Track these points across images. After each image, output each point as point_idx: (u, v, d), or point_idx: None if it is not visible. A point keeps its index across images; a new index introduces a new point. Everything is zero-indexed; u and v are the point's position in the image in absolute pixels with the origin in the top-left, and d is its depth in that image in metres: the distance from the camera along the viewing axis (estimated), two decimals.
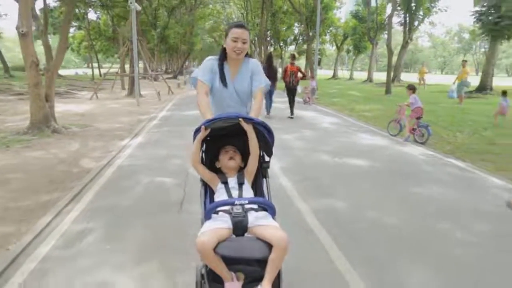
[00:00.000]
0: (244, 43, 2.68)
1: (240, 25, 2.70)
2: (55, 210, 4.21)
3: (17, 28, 8.36)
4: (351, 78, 42.78)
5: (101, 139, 8.26)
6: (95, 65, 35.06)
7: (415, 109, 8.30)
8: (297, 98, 12.78)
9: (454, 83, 17.48)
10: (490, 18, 19.76)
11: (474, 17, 20.92)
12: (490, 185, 5.42)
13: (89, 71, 44.85)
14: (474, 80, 21.04)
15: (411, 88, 8.59)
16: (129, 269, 3.04)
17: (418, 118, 8.33)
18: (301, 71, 11.98)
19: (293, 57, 12.44)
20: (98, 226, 3.82)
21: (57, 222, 3.92)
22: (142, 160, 6.51)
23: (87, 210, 4.25)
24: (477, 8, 20.86)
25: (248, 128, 2.35)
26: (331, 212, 4.27)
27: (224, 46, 2.75)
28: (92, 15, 32.33)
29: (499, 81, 30.88)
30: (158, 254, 3.26)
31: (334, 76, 45.13)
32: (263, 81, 2.83)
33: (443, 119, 11.60)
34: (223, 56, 2.79)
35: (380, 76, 36.09)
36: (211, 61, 2.82)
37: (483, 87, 20.83)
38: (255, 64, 2.87)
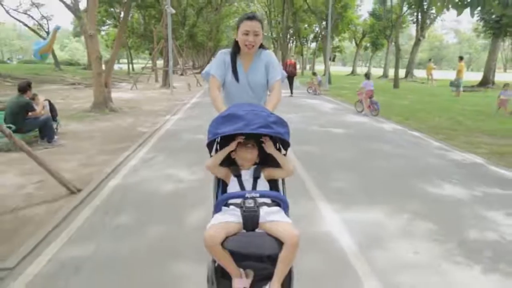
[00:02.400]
0: (256, 35, 2.54)
1: (251, 17, 2.54)
2: (131, 149, 6.71)
3: (85, 31, 11.05)
4: None
5: (148, 115, 10.84)
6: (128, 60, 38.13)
7: (366, 91, 11.43)
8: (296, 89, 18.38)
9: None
10: (492, 16, 21.34)
11: (478, 16, 22.49)
12: (429, 146, 7.57)
13: (123, 66, 48.27)
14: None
15: (366, 75, 12.41)
16: (185, 168, 5.52)
17: (370, 98, 11.40)
18: (294, 66, 17.77)
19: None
20: (161, 155, 6.33)
21: (134, 154, 6.43)
22: (183, 127, 9.01)
23: (152, 149, 6.77)
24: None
25: (274, 152, 2.32)
26: (307, 153, 6.59)
27: (236, 39, 2.63)
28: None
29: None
30: (199, 165, 5.68)
31: (353, 72, 46.82)
32: (279, 74, 2.71)
33: (431, 107, 13.59)
34: (236, 49, 2.68)
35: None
36: (223, 54, 2.72)
37: (486, 82, 22.41)
38: (270, 56, 2.74)
